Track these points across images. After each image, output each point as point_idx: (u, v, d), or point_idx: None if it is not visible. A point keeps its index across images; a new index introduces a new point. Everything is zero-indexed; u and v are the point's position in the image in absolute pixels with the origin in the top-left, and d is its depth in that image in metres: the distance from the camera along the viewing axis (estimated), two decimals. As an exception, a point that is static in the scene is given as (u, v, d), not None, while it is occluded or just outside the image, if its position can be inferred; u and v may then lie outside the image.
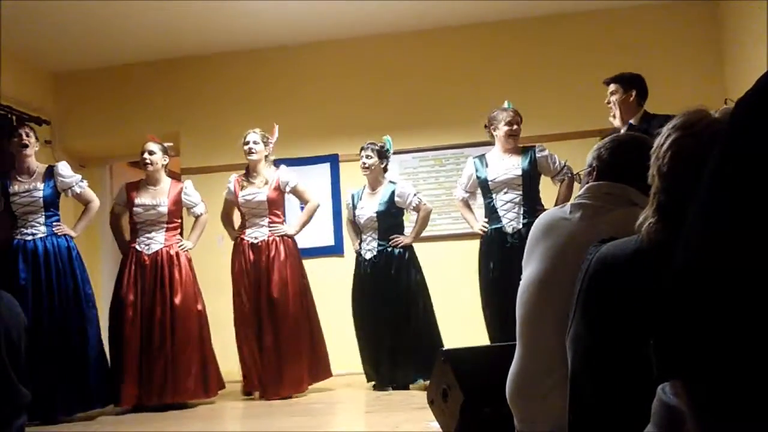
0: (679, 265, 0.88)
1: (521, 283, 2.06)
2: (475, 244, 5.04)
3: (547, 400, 1.87)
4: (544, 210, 4.70)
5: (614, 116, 4.49)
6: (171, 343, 4.93)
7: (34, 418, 4.33)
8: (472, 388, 2.57)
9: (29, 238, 4.68)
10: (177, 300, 5.00)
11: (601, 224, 1.87)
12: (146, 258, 5.01)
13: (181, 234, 5.33)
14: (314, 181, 6.30)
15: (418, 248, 5.35)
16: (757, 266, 0.78)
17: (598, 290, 1.55)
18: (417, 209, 5.28)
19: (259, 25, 6.17)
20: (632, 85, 4.47)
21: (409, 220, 5.49)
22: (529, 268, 2.04)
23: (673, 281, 0.88)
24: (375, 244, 5.22)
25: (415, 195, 5.30)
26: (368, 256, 5.21)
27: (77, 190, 4.92)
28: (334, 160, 6.45)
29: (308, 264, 5.95)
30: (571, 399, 1.60)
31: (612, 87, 4.49)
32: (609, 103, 4.48)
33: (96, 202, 5.03)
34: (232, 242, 5.34)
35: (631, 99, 4.46)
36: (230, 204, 5.39)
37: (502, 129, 4.83)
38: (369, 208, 5.25)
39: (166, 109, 6.73)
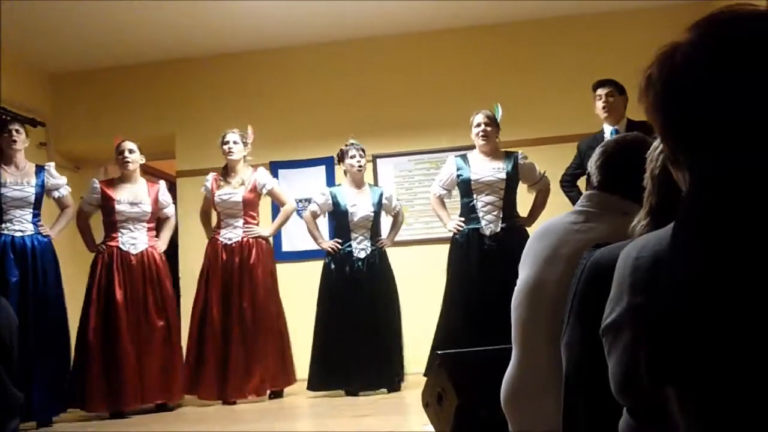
0: (668, 270, 0.87)
1: (516, 287, 2.06)
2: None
3: (542, 405, 1.86)
4: (520, 216, 4.83)
5: (606, 117, 4.59)
6: (164, 343, 4.96)
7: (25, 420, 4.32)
8: (468, 391, 2.56)
9: (18, 234, 4.65)
10: (166, 301, 5.04)
11: (594, 230, 1.88)
12: (133, 258, 4.98)
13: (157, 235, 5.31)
14: (309, 183, 6.30)
15: (410, 250, 5.39)
16: (747, 269, 0.77)
17: (592, 295, 1.54)
18: (397, 214, 5.43)
19: (255, 27, 6.17)
20: (623, 90, 4.58)
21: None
22: (523, 272, 2.04)
23: (664, 286, 0.87)
24: (368, 243, 5.22)
25: (397, 200, 5.50)
26: (362, 255, 5.20)
27: (63, 192, 4.95)
28: (329, 163, 6.44)
29: (296, 267, 5.96)
30: (565, 404, 1.60)
31: (608, 89, 4.58)
32: (606, 104, 4.56)
33: (72, 208, 5.05)
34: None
35: (624, 104, 4.59)
36: (207, 202, 5.40)
37: (473, 131, 4.93)
38: (362, 207, 5.25)
39: (162, 111, 6.72)
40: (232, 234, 5.22)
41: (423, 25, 6.35)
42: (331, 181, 6.41)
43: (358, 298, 5.10)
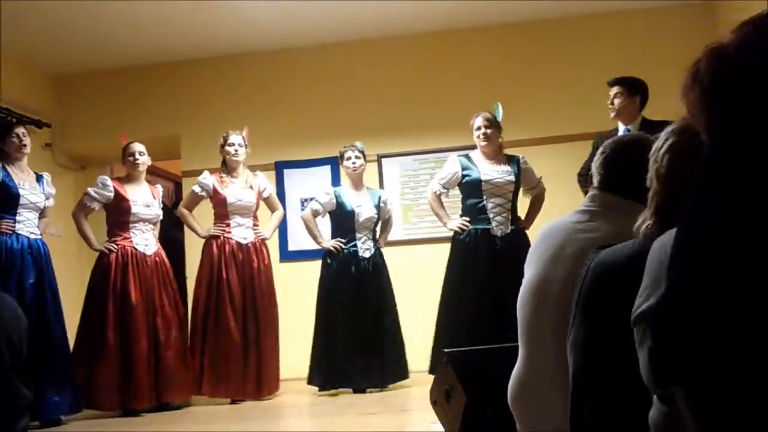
0: (672, 272, 0.88)
1: (522, 286, 2.08)
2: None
3: (548, 404, 1.87)
4: (521, 219, 4.91)
5: (614, 117, 4.52)
6: (180, 343, 5.06)
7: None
8: (475, 389, 2.57)
9: (33, 237, 4.68)
10: (177, 301, 5.15)
11: (597, 230, 1.89)
12: (148, 259, 5.03)
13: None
14: (315, 183, 6.30)
15: (414, 249, 5.41)
16: (748, 269, 0.77)
17: (597, 294, 1.56)
18: (389, 218, 5.51)
19: (260, 28, 6.18)
20: (636, 90, 4.47)
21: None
22: (529, 271, 2.05)
23: (667, 289, 0.88)
24: (371, 243, 5.29)
25: (391, 204, 5.56)
26: (367, 254, 5.24)
27: (51, 202, 4.95)
28: (334, 163, 6.44)
29: (298, 267, 5.97)
30: (573, 403, 1.61)
31: (616, 89, 4.47)
32: (612, 104, 4.49)
33: (49, 218, 5.05)
34: (203, 237, 5.29)
35: (634, 104, 4.47)
36: (199, 198, 5.35)
37: (474, 134, 4.93)
38: (367, 208, 5.29)
39: (167, 111, 6.73)
40: (245, 234, 5.28)
41: (428, 26, 6.35)
42: (336, 180, 6.41)
43: (364, 297, 5.16)
